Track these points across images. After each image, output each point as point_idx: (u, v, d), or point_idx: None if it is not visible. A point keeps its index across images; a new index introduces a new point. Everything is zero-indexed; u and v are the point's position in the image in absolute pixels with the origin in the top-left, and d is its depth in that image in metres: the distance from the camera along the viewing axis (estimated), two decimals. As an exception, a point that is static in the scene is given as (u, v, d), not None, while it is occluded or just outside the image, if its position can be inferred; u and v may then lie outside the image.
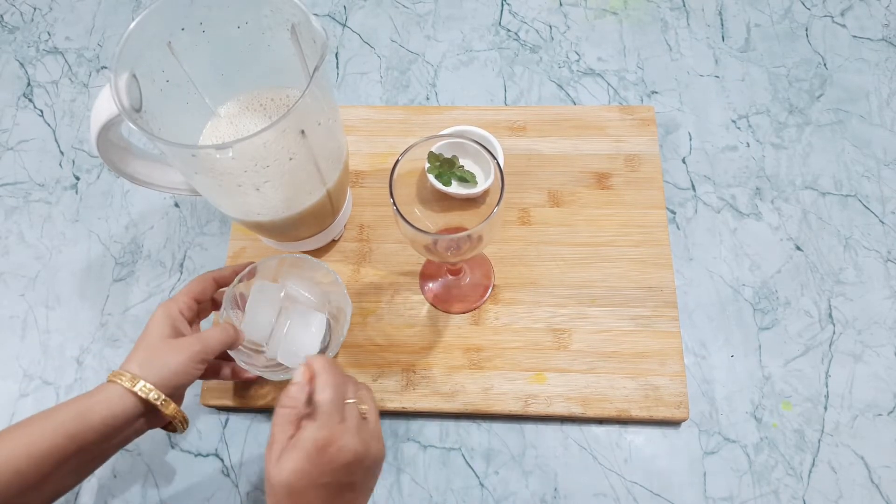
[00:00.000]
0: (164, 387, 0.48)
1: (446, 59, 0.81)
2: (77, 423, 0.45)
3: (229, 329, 0.53)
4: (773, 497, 0.58)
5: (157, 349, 0.49)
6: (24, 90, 0.82)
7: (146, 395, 0.47)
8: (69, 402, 0.46)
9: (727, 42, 0.80)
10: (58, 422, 0.45)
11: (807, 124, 0.75)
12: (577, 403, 0.60)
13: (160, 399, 0.47)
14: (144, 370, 0.48)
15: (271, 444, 0.43)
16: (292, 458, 0.41)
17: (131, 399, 0.47)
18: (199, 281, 0.55)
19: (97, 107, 0.49)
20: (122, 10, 0.87)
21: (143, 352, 0.49)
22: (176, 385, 0.49)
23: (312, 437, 0.42)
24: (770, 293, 0.66)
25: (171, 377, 0.48)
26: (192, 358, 0.49)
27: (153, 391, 0.47)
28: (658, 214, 0.68)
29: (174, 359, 0.48)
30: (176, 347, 0.49)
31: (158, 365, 0.48)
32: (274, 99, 0.59)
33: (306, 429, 0.42)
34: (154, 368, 0.48)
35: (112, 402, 0.46)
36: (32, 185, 0.76)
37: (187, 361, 0.49)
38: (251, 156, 0.49)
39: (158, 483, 0.61)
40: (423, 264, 0.68)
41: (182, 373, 0.49)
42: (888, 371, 0.62)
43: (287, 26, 0.52)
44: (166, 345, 0.49)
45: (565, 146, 0.72)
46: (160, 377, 0.48)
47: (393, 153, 0.72)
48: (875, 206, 0.70)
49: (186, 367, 0.49)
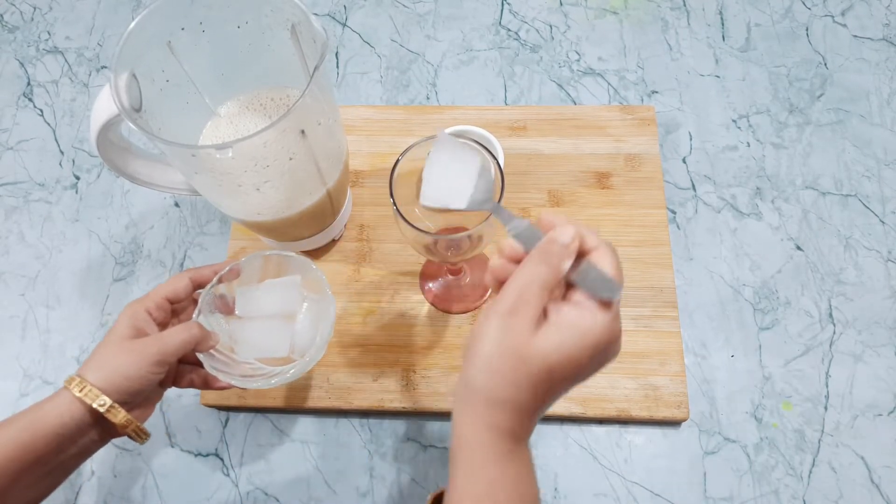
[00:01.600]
0: (115, 392, 0.43)
1: (446, 59, 0.81)
2: (30, 433, 0.42)
3: (194, 329, 0.48)
4: (774, 497, 0.58)
5: (111, 351, 0.45)
6: (24, 90, 0.82)
7: (91, 402, 0.43)
8: (24, 412, 0.43)
9: (727, 42, 0.80)
10: (11, 433, 0.42)
11: (807, 124, 0.75)
12: (577, 403, 0.60)
13: (107, 405, 0.43)
14: (96, 374, 0.44)
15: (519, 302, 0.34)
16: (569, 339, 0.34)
17: (79, 406, 0.43)
18: (175, 280, 0.51)
19: (97, 107, 0.49)
20: (122, 9, 0.87)
21: (99, 354, 0.45)
22: (129, 391, 0.44)
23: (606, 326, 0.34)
24: (770, 293, 0.66)
25: (122, 382, 0.44)
26: (146, 360, 0.44)
27: (100, 397, 0.43)
28: (658, 214, 0.68)
29: (127, 361, 0.44)
30: (130, 349, 0.45)
31: (110, 368, 0.44)
32: (274, 99, 0.59)
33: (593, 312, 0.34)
34: (105, 372, 0.44)
35: (62, 410, 0.43)
36: (32, 184, 0.76)
37: (142, 364, 0.44)
38: (251, 156, 0.49)
39: (158, 483, 0.61)
40: (423, 264, 0.68)
41: (135, 377, 0.44)
42: (888, 371, 0.62)
43: (287, 26, 0.52)
44: (121, 346, 0.45)
45: (565, 146, 0.72)
46: (110, 382, 0.43)
47: (393, 153, 0.72)
48: (875, 205, 0.70)
49: (140, 370, 0.44)
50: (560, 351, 0.34)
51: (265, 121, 0.59)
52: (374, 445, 0.62)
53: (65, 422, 0.43)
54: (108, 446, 0.62)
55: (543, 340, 0.34)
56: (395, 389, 0.62)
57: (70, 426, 0.43)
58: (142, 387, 0.45)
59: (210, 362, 0.50)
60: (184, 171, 0.55)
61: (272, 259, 0.55)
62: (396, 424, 0.63)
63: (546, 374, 0.34)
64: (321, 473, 0.61)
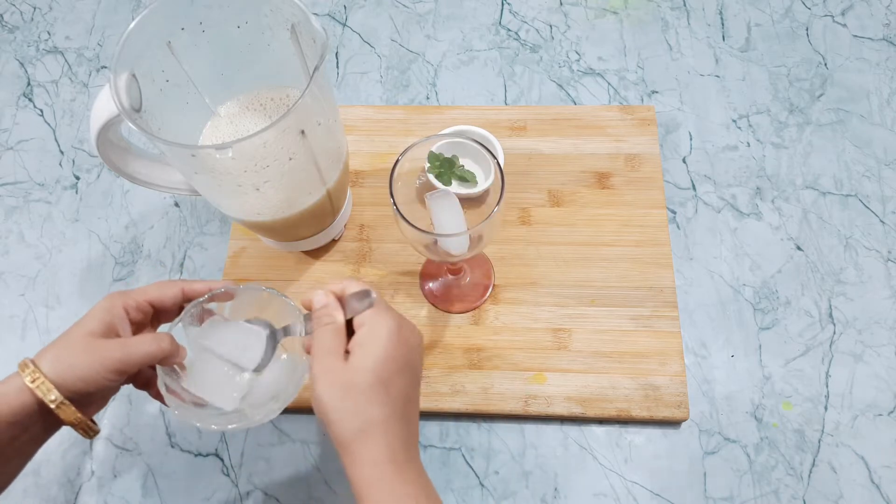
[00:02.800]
0: (66, 390, 0.42)
1: (446, 59, 0.81)
2: None
3: (164, 341, 0.45)
4: (774, 497, 0.58)
5: (73, 345, 0.43)
6: (24, 90, 0.82)
7: (42, 396, 0.41)
8: None
9: (728, 41, 0.80)
10: None
11: (807, 124, 0.75)
12: (577, 403, 0.60)
13: (57, 401, 0.41)
14: (52, 366, 0.42)
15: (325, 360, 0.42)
16: (371, 350, 0.41)
17: (29, 396, 0.41)
18: (165, 285, 0.48)
19: (97, 107, 0.49)
20: (122, 9, 0.87)
21: (61, 344, 0.43)
22: (82, 391, 0.42)
23: (385, 325, 0.42)
24: (770, 293, 0.66)
25: (74, 381, 0.42)
26: (105, 366, 0.42)
27: (52, 391, 0.41)
28: (658, 214, 0.68)
29: (86, 362, 0.42)
30: (93, 349, 0.42)
31: (66, 364, 0.42)
32: (274, 99, 0.59)
33: (371, 322, 0.43)
34: (60, 366, 0.42)
35: (10, 397, 0.41)
36: (32, 184, 0.76)
37: (99, 368, 0.42)
38: (251, 156, 0.49)
39: (158, 483, 0.61)
40: (423, 264, 0.68)
41: (90, 380, 0.42)
42: (888, 371, 0.62)
43: (287, 26, 0.52)
44: (84, 343, 0.43)
45: (565, 146, 0.72)
46: (63, 378, 0.41)
47: (393, 153, 0.72)
48: (875, 205, 0.70)
49: (97, 374, 0.42)
50: (372, 356, 0.41)
51: (265, 121, 0.59)
52: (374, 445, 0.62)
53: (13, 409, 0.41)
54: (109, 446, 0.62)
55: (355, 361, 0.41)
56: (395, 389, 0.62)
57: (20, 414, 0.41)
58: (96, 390, 0.43)
59: (166, 379, 0.46)
60: (183, 171, 0.55)
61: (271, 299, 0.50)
62: (396, 424, 0.62)
63: (375, 378, 0.41)
64: (321, 473, 0.61)
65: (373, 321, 0.43)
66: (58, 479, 0.61)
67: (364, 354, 0.41)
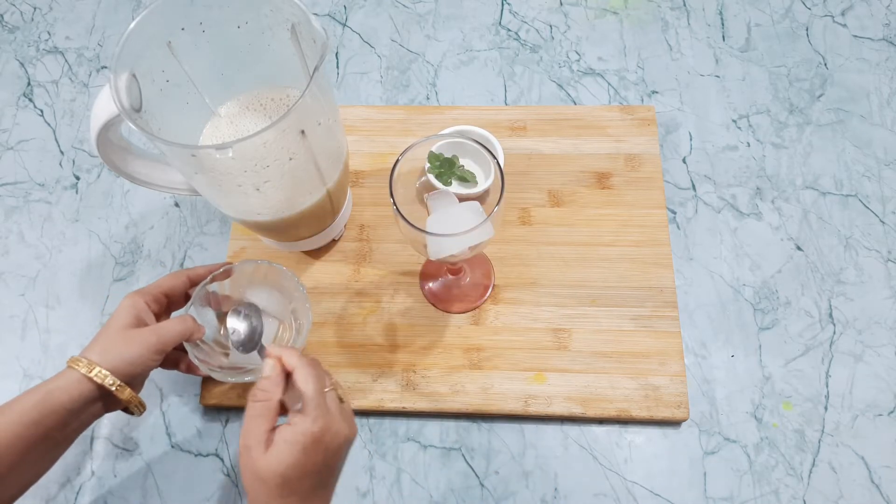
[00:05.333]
0: (119, 374, 0.49)
1: (446, 59, 0.81)
2: (39, 410, 0.47)
3: (188, 322, 0.54)
4: (774, 497, 0.58)
5: (115, 339, 0.50)
6: (24, 90, 0.82)
7: (102, 381, 0.48)
8: (29, 392, 0.48)
9: (728, 42, 0.80)
10: (21, 410, 0.46)
11: (807, 124, 0.75)
12: (577, 403, 0.60)
13: (115, 384, 0.49)
14: (101, 357, 0.49)
15: (248, 438, 0.44)
16: (287, 452, 0.43)
17: (88, 384, 0.48)
18: (173, 276, 0.57)
19: (97, 107, 0.49)
20: (122, 9, 0.87)
21: (103, 340, 0.50)
22: (131, 374, 0.50)
23: (308, 430, 0.43)
24: (770, 293, 0.66)
25: (125, 367, 0.50)
26: (148, 349, 0.51)
27: (109, 377, 0.49)
28: (658, 214, 0.68)
29: (130, 349, 0.50)
30: (133, 338, 0.50)
31: (114, 354, 0.49)
32: (274, 99, 0.59)
33: (298, 423, 0.44)
34: (110, 356, 0.49)
35: (71, 388, 0.48)
36: (32, 184, 0.76)
37: (143, 352, 0.50)
38: (251, 156, 0.49)
39: (158, 483, 0.61)
40: (423, 264, 0.68)
41: (138, 363, 0.50)
42: (888, 371, 0.62)
43: (287, 26, 0.52)
44: (124, 335, 0.51)
45: (565, 146, 0.72)
46: (114, 366, 0.49)
47: (393, 153, 0.72)
48: (875, 206, 0.70)
49: (142, 357, 0.50)
50: (284, 462, 0.43)
51: (265, 121, 0.59)
52: (374, 445, 0.62)
53: (73, 397, 0.48)
54: (108, 446, 0.63)
55: (270, 458, 0.43)
56: (395, 389, 0.62)
57: (78, 401, 0.48)
58: (144, 370, 0.51)
59: (194, 352, 0.56)
60: (183, 171, 0.55)
61: (261, 268, 0.61)
62: (396, 424, 0.63)
63: (282, 482, 0.42)
64: (321, 473, 0.61)
65: (301, 423, 0.44)
66: (58, 478, 0.62)
67: (279, 456, 0.43)
